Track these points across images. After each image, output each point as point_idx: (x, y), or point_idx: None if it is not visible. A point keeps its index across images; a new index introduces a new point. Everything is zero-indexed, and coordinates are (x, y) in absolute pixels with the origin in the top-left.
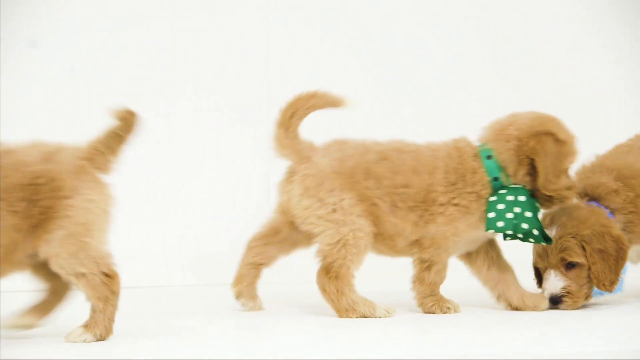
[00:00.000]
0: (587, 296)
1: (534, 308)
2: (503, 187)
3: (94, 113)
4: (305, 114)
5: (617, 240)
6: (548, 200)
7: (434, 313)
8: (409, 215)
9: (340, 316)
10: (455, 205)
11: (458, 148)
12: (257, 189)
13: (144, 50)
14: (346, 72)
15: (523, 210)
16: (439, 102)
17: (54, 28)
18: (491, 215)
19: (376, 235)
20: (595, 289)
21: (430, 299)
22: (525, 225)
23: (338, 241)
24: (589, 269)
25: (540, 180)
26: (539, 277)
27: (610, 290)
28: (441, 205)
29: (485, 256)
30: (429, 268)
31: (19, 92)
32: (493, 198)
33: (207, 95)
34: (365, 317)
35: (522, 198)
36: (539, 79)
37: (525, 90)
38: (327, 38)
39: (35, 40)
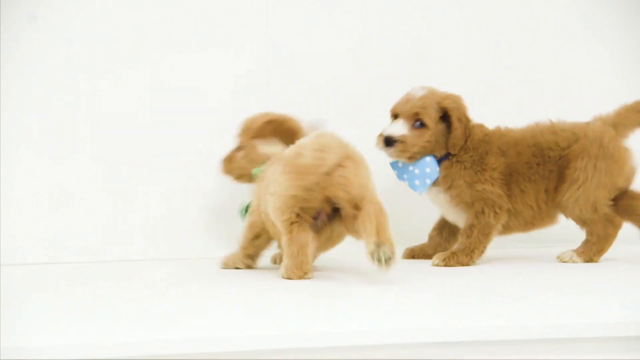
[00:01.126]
0: (415, 155)
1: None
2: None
3: (91, 87)
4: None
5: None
6: None
7: None
8: None
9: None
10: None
11: None
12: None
13: (143, 25)
14: (344, 67)
15: None
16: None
17: (52, 2)
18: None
19: None
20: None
21: None
22: None
23: None
24: (435, 137)
25: None
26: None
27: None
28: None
29: None
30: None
31: (18, 66)
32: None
33: (207, 89)
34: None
35: None
36: (539, 71)
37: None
38: (328, 28)
39: (34, 14)
